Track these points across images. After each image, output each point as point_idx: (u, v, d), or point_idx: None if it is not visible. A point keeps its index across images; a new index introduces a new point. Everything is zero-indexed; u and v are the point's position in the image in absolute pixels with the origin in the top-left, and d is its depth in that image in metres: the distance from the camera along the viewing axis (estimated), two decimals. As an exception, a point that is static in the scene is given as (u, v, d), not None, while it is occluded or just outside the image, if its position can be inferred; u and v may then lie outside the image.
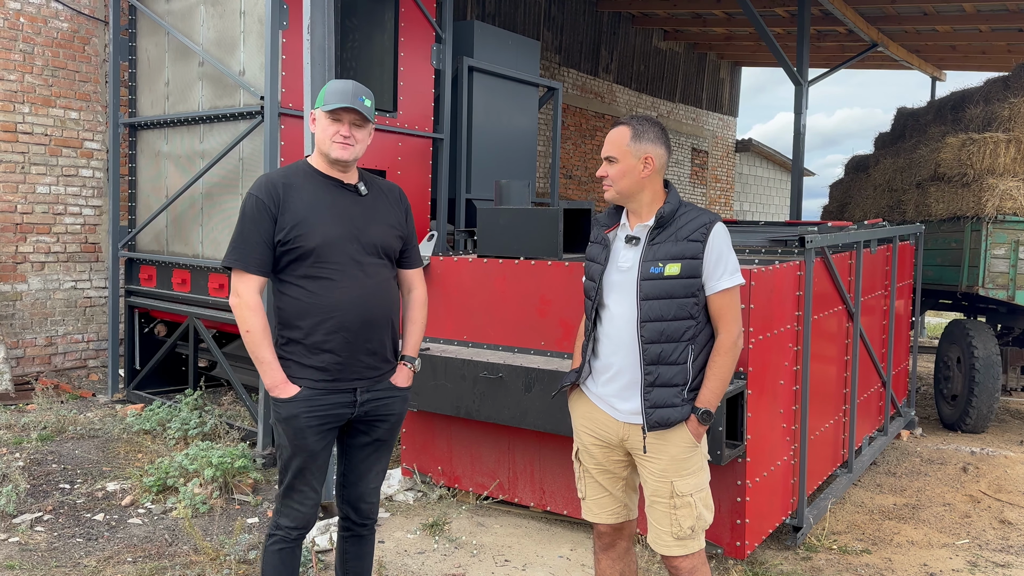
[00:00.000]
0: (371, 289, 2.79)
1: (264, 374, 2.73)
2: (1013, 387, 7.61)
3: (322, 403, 2.76)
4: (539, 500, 4.52)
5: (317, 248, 2.71)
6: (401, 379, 2.94)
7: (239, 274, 2.73)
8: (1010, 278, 6.80)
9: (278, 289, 2.80)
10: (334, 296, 2.73)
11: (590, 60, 14.54)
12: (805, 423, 4.39)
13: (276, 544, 2.84)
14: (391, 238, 2.89)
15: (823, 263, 4.67)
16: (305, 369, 2.75)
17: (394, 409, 2.93)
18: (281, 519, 2.84)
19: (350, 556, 3.06)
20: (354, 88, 2.78)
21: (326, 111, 2.75)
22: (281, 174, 2.82)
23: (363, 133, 2.82)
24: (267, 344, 2.72)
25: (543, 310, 4.36)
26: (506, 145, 8.00)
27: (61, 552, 4.03)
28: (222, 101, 6.17)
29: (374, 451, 2.95)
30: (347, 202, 2.82)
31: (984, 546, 4.51)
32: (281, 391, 2.73)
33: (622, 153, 2.76)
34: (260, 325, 2.71)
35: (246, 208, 2.74)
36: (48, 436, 5.84)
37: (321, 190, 2.79)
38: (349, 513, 3.00)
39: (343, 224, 2.77)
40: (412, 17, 6.79)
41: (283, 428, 2.77)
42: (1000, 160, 6.97)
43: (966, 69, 15.17)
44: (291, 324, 2.76)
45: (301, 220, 2.71)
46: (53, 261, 7.67)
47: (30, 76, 7.41)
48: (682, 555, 2.75)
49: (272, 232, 2.71)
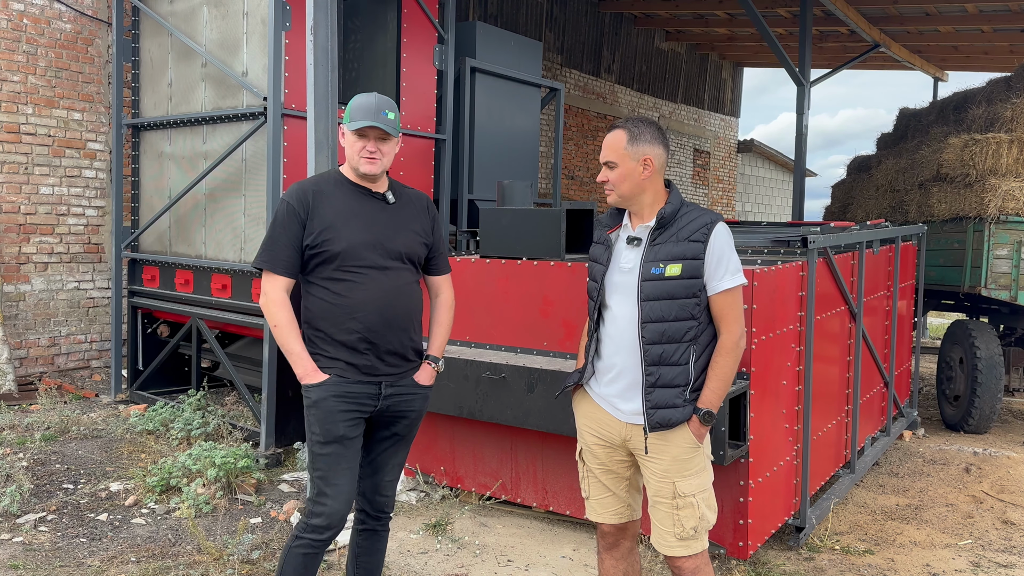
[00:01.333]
0: (392, 292, 2.91)
1: (295, 364, 2.86)
2: (1016, 387, 7.61)
3: (350, 389, 2.87)
4: (542, 500, 4.52)
5: (342, 253, 2.85)
6: (424, 377, 3.04)
7: (267, 275, 2.88)
8: (1012, 278, 6.79)
9: (306, 290, 2.94)
10: (357, 297, 2.86)
11: (592, 61, 14.55)
12: (808, 423, 4.39)
13: (302, 548, 2.85)
14: (416, 245, 3.01)
15: (826, 264, 4.67)
16: (333, 362, 2.88)
17: (415, 406, 3.02)
18: (312, 519, 2.84)
19: (363, 551, 3.11)
20: (377, 103, 2.91)
21: (352, 129, 2.89)
22: (313, 182, 2.98)
23: (389, 146, 2.95)
24: (295, 336, 2.85)
25: (545, 311, 4.36)
26: (508, 146, 8.00)
27: (65, 552, 4.04)
28: (225, 102, 6.18)
29: (392, 445, 3.04)
30: (374, 210, 2.96)
31: (987, 547, 4.51)
32: (311, 378, 2.85)
33: (620, 157, 2.76)
34: (287, 319, 2.85)
35: (278, 213, 2.91)
36: (51, 436, 5.85)
37: (350, 198, 2.94)
38: (363, 504, 3.07)
39: (369, 231, 2.90)
40: (414, 18, 6.80)
41: (314, 413, 2.86)
42: (1003, 160, 6.96)
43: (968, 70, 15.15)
44: (317, 323, 2.89)
45: (328, 226, 2.86)
46: (56, 262, 7.68)
47: (33, 77, 7.43)
48: (685, 555, 2.75)
49: (301, 236, 2.86)
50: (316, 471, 2.87)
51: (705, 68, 17.99)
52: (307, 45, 4.46)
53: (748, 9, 9.42)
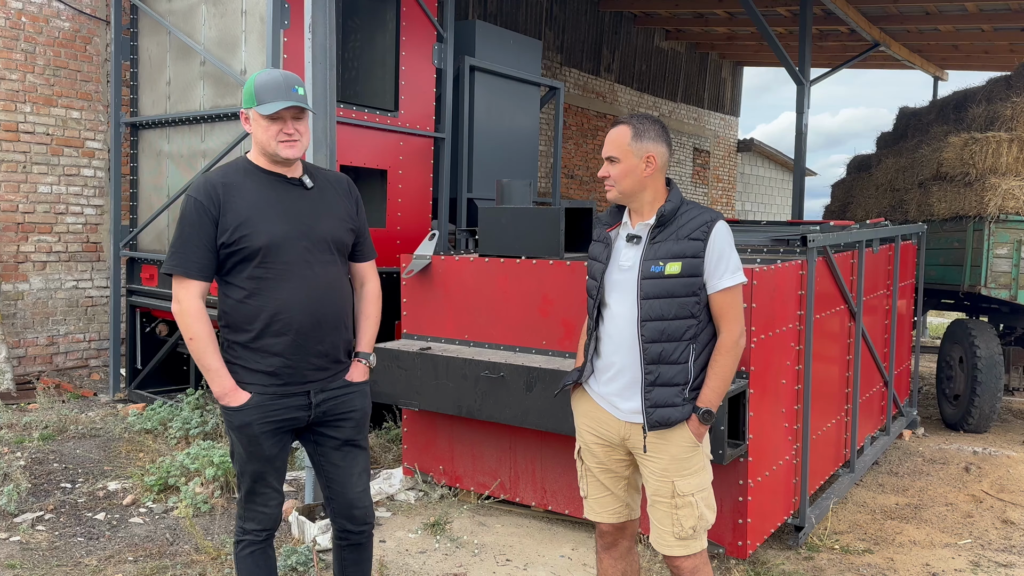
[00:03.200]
0: (321, 288, 2.69)
1: (212, 382, 2.63)
2: (1015, 387, 7.59)
3: (275, 407, 2.67)
4: (540, 500, 4.51)
5: (264, 248, 2.60)
6: (356, 375, 2.83)
7: (179, 280, 2.62)
8: (1012, 278, 6.78)
9: (223, 292, 2.69)
10: (282, 296, 2.63)
11: (592, 60, 14.54)
12: (807, 422, 4.38)
13: (246, 548, 2.78)
14: (342, 231, 2.78)
15: (825, 262, 4.66)
16: (253, 374, 2.66)
17: (355, 405, 2.82)
18: (247, 523, 2.78)
19: (348, 563, 2.95)
20: (285, 79, 2.64)
21: (267, 113, 2.61)
22: (220, 174, 2.70)
23: (304, 125, 2.70)
24: (213, 351, 2.62)
25: (545, 309, 4.35)
26: (508, 145, 7.99)
27: (62, 551, 4.03)
28: (224, 100, 6.17)
29: (347, 453, 2.83)
30: (293, 197, 2.70)
31: (987, 546, 4.50)
32: (231, 399, 2.63)
33: (623, 153, 2.74)
34: (204, 332, 2.61)
35: (185, 212, 2.63)
36: (49, 435, 5.84)
37: (264, 187, 2.68)
38: (344, 524, 2.88)
39: (290, 221, 2.66)
40: (414, 16, 6.79)
41: (236, 436, 2.68)
42: (1003, 159, 6.95)
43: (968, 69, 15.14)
44: (237, 327, 2.66)
45: (244, 220, 2.60)
46: (55, 261, 7.67)
47: (32, 76, 7.41)
48: (684, 555, 2.74)
49: (214, 235, 2.60)
50: (243, 482, 2.75)
51: (705, 67, 17.98)
52: (305, 44, 4.45)
53: (748, 8, 9.41)
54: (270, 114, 2.61)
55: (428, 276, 4.77)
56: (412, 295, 4.85)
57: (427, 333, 4.79)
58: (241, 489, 2.77)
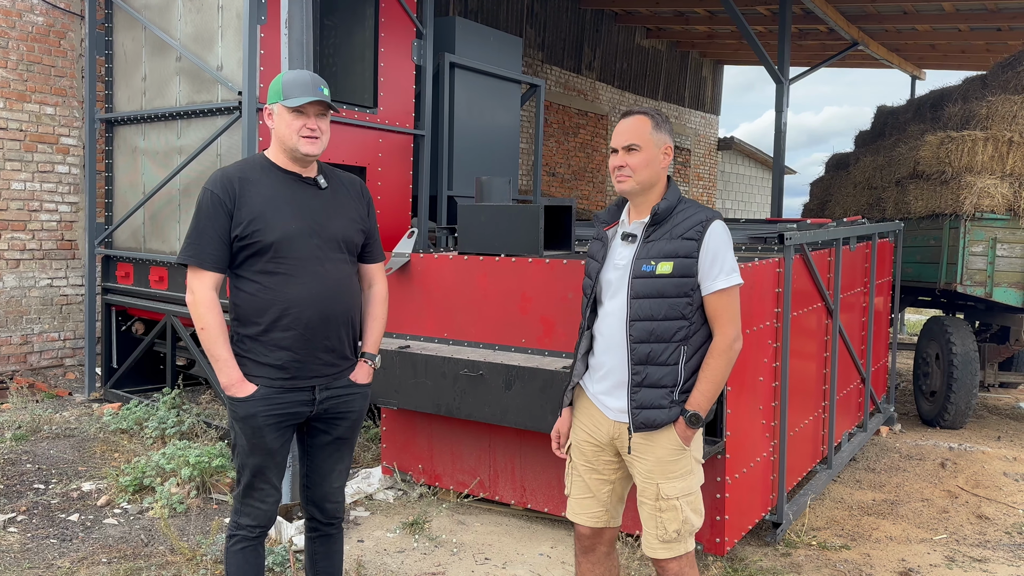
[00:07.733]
0: (331, 285, 2.74)
1: (220, 372, 2.68)
2: (991, 383, 7.67)
3: (280, 401, 2.71)
4: (520, 498, 4.50)
5: (276, 243, 2.66)
6: (361, 376, 2.89)
7: (194, 271, 2.67)
8: (988, 275, 6.85)
9: (235, 285, 2.73)
10: (292, 291, 2.68)
11: (573, 57, 14.53)
12: (784, 419, 4.41)
13: (238, 544, 2.80)
14: (353, 231, 2.84)
15: (802, 260, 4.69)
16: (261, 367, 2.70)
17: (354, 406, 2.88)
18: (242, 518, 2.80)
19: (319, 556, 3.01)
20: (312, 78, 2.72)
21: (291, 107, 2.68)
22: (237, 168, 2.76)
23: (326, 124, 2.77)
24: (223, 341, 2.67)
25: (524, 307, 4.34)
26: (488, 142, 7.96)
27: (34, 553, 3.97)
28: (200, 96, 6.10)
29: (336, 450, 2.90)
30: (307, 196, 2.76)
31: (962, 541, 4.54)
32: (237, 390, 2.68)
33: (646, 142, 2.67)
34: (216, 322, 2.66)
35: (201, 203, 2.69)
36: (23, 436, 5.76)
37: (279, 184, 2.74)
38: (315, 513, 2.96)
39: (303, 218, 2.71)
40: (392, 13, 6.75)
41: (240, 427, 2.72)
42: (978, 158, 7.02)
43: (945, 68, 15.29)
44: (247, 320, 2.70)
45: (258, 215, 2.66)
46: (28, 259, 7.56)
47: (4, 71, 7.30)
48: (667, 558, 2.71)
49: (228, 228, 2.66)
50: (243, 475, 2.78)
51: (686, 65, 18.03)
52: (282, 39, 4.41)
53: (728, 7, 9.44)
54: (295, 107, 2.66)
55: (407, 274, 4.74)
56: (391, 293, 4.82)
57: (406, 331, 4.76)
58: (240, 484, 2.80)
